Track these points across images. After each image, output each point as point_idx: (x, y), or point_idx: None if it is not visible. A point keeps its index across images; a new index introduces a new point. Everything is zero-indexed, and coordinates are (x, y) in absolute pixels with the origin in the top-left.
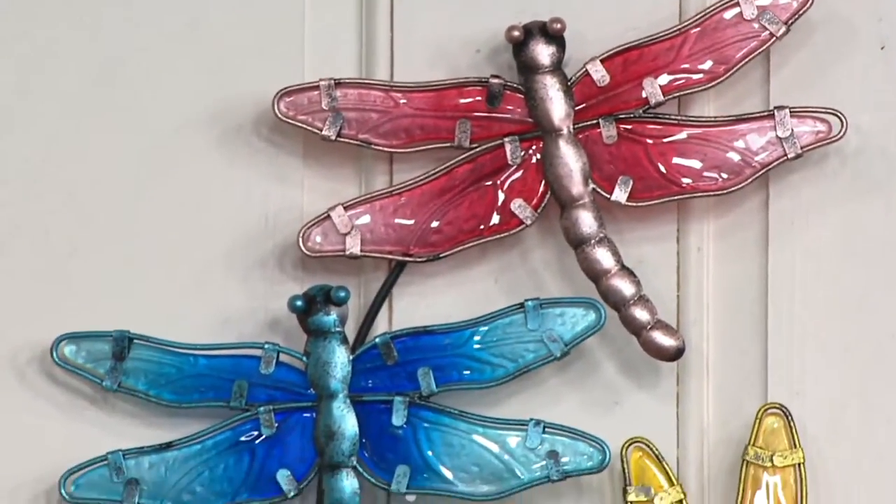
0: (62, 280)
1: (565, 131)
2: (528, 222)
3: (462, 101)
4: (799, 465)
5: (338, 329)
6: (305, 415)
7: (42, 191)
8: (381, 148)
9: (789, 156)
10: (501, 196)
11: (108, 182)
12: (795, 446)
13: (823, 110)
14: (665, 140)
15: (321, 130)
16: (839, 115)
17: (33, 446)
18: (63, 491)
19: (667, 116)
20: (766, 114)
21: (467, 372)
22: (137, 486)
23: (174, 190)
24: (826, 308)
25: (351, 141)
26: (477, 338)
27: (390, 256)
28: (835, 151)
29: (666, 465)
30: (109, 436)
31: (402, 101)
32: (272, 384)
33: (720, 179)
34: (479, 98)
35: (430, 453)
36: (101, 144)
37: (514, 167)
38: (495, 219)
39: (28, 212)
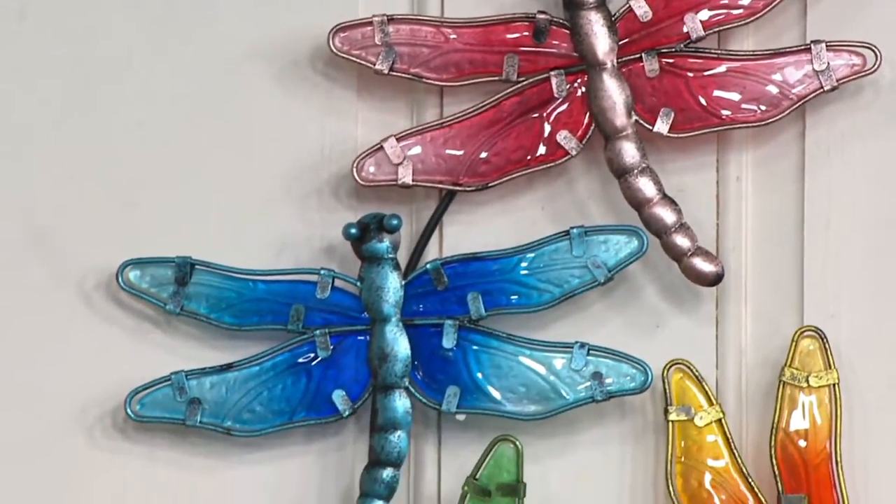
0: (128, 208)
1: (609, 65)
2: (574, 153)
3: (509, 36)
4: (833, 385)
5: (390, 255)
6: (359, 338)
7: (111, 123)
8: (431, 81)
9: (825, 88)
10: (547, 128)
11: (173, 114)
12: (830, 367)
13: (859, 44)
14: (705, 73)
15: (374, 65)
16: (874, 48)
17: (100, 368)
18: (129, 410)
19: (707, 51)
20: (802, 48)
21: (515, 297)
22: (199, 406)
23: (235, 122)
24: (860, 235)
25: (403, 75)
26: (524, 264)
27: (441, 186)
28: (869, 84)
29: (705, 386)
30: (172, 357)
31: (451, 36)
32: (328, 308)
33: (758, 111)
34: (526, 33)
35: (479, 374)
36: (167, 78)
37: (560, 100)
38: (542, 149)
39: (97, 143)
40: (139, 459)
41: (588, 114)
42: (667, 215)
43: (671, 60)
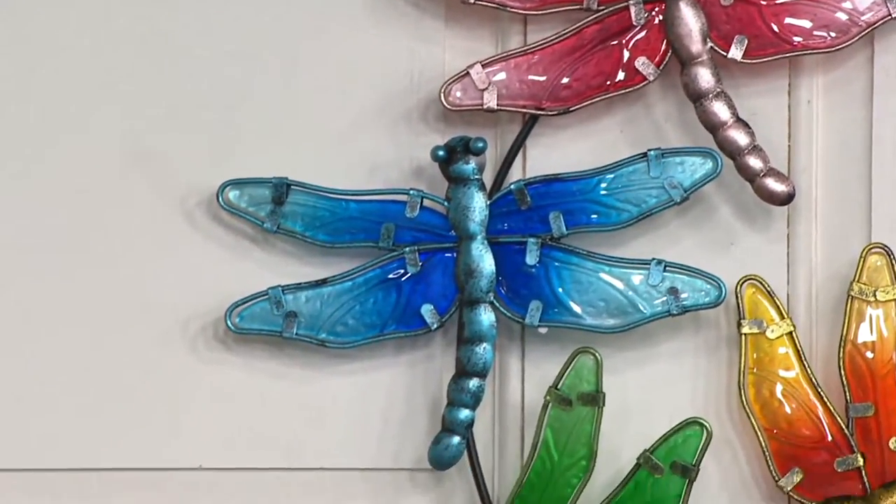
0: (228, 130)
1: None
2: (651, 78)
3: None
4: None
5: (476, 177)
6: (447, 255)
7: (212, 53)
8: (515, 10)
9: (893, 15)
10: (626, 54)
11: (271, 44)
12: None
13: None
14: (777, 1)
15: None
16: None
17: (202, 282)
18: (229, 322)
19: None
20: None
21: (595, 216)
22: (295, 319)
23: (329, 52)
24: None
25: (488, 4)
26: (603, 184)
27: (524, 110)
28: None
29: (777, 301)
30: (270, 273)
31: None
32: (416, 227)
33: (828, 38)
34: None
35: (560, 290)
36: (265, 9)
37: (639, 28)
38: (621, 75)
39: (200, 72)
40: (238, 369)
41: (665, 41)
42: (740, 138)
43: None
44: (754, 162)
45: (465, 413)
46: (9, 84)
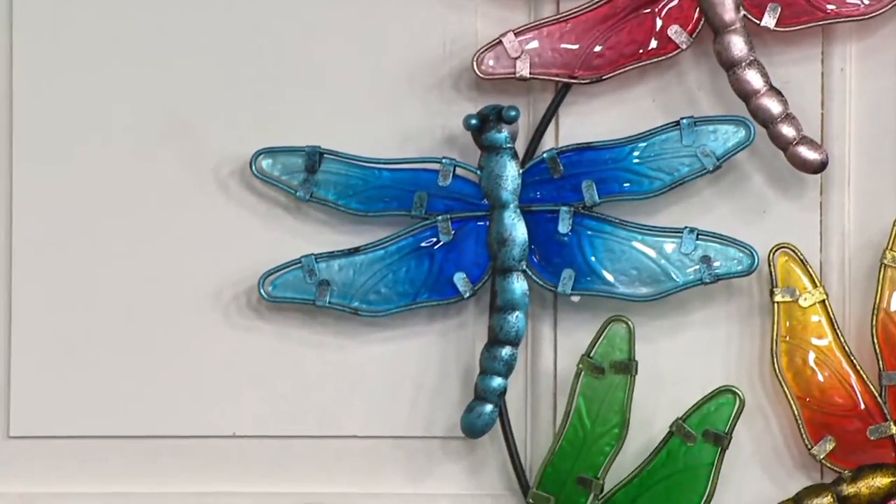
0: (261, 100)
1: None
2: (684, 46)
3: None
4: None
5: (509, 145)
6: (479, 223)
7: (247, 23)
8: None
9: None
10: (659, 22)
11: (305, 13)
12: None
13: None
14: None
15: None
16: None
17: (235, 250)
18: (262, 290)
19: None
20: None
21: (627, 184)
22: (328, 287)
23: (362, 20)
24: None
25: None
26: (636, 153)
27: (556, 78)
28: None
29: (810, 269)
30: (303, 241)
31: None
32: (449, 195)
33: (862, 5)
34: None
35: (592, 258)
36: None
37: None
38: (653, 43)
39: (235, 43)
40: (271, 338)
41: (698, 9)
42: (773, 106)
43: None
44: (787, 130)
45: (497, 381)
46: (49, 55)
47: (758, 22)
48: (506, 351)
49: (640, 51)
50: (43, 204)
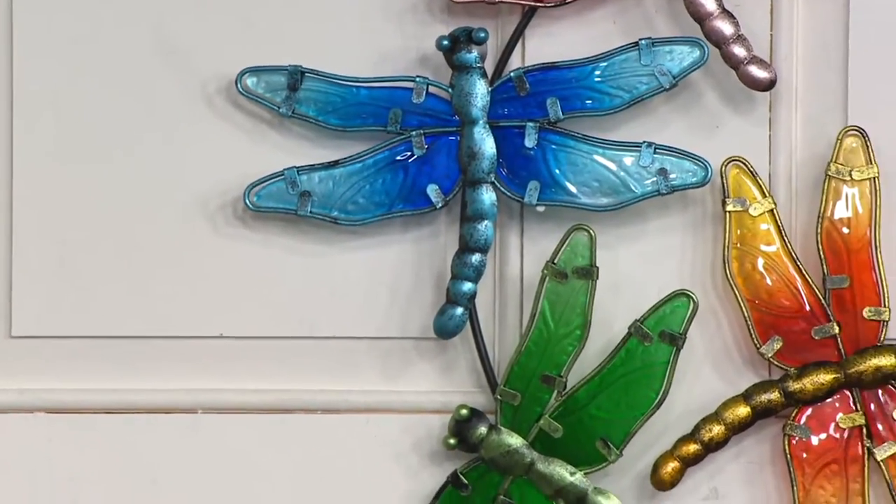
0: (246, 22)
1: None
2: None
3: None
4: (874, 178)
5: (478, 65)
6: (451, 138)
7: None
8: None
9: None
10: None
11: None
12: (871, 163)
13: None
14: None
15: None
16: None
17: (222, 164)
18: (247, 201)
19: None
20: None
21: (589, 101)
22: (309, 198)
23: None
24: None
25: None
26: (597, 72)
27: (523, 2)
28: None
29: (759, 180)
30: (285, 155)
31: None
32: (422, 112)
33: None
34: None
35: (557, 171)
36: None
37: None
38: None
39: None
40: (256, 245)
41: None
42: (725, 27)
43: None
44: (738, 50)
45: (467, 286)
46: None
47: None
48: (475, 258)
49: None
50: (42, 122)
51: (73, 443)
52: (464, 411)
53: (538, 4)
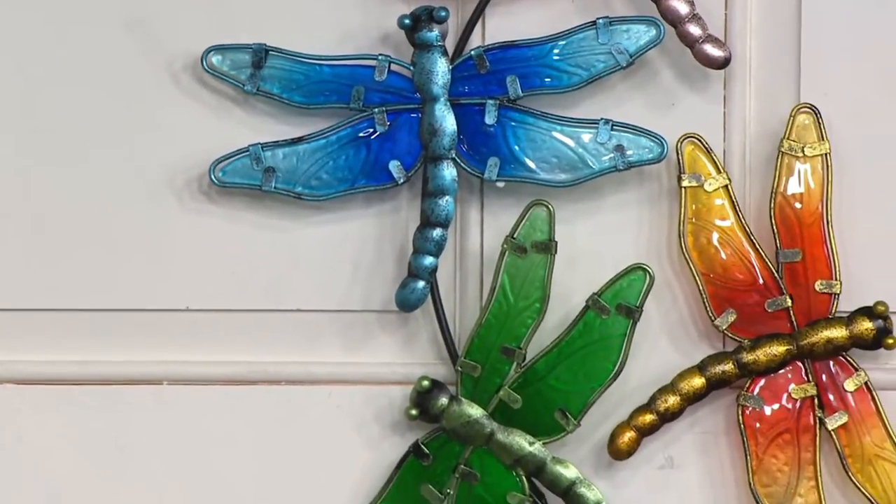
0: (211, 1)
1: None
2: None
3: None
4: (825, 154)
5: (439, 43)
6: (412, 115)
7: None
8: None
9: None
10: None
11: None
12: (823, 139)
13: None
14: None
15: None
16: None
17: (187, 140)
18: (212, 176)
19: None
20: None
21: (548, 79)
22: (273, 173)
23: None
24: (852, 22)
25: None
26: (556, 50)
27: None
28: None
29: (714, 156)
30: (250, 132)
31: None
32: (384, 89)
33: None
34: None
35: (516, 147)
36: None
37: None
38: None
39: None
40: (222, 220)
41: None
42: (681, 7)
43: None
44: (694, 29)
45: (429, 260)
46: None
47: None
48: (437, 232)
49: None
50: (8, 97)
51: (42, 414)
52: (425, 382)
53: None
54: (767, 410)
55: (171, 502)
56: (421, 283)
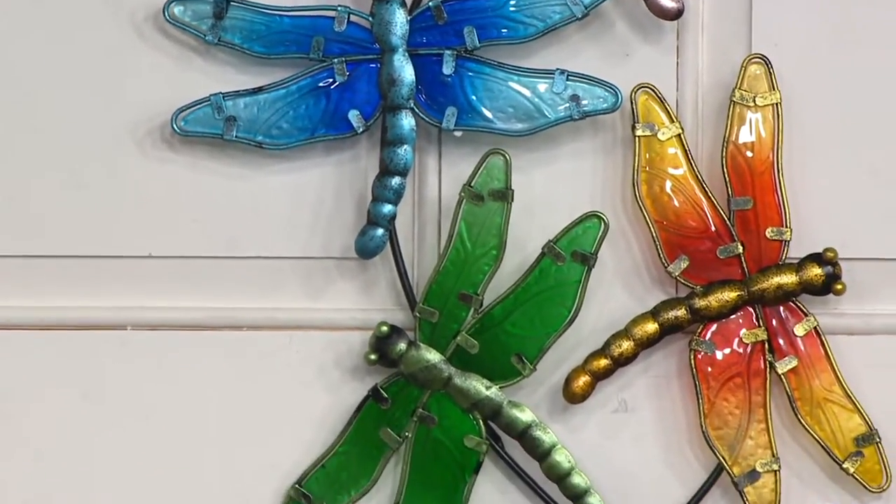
0: None
1: None
2: None
3: None
4: (776, 104)
5: None
6: (371, 65)
7: None
8: None
9: None
10: None
11: None
12: (774, 89)
13: None
14: None
15: None
16: None
17: (150, 90)
18: (174, 125)
19: None
20: None
21: (504, 30)
22: (235, 123)
23: None
24: None
25: None
26: (512, 2)
27: None
28: None
29: (667, 106)
30: (211, 81)
31: None
32: (344, 40)
33: None
34: None
35: (473, 97)
36: None
37: None
38: None
39: None
40: (184, 168)
41: None
42: None
43: None
44: None
45: (387, 208)
46: None
47: None
48: (395, 180)
49: None
50: None
51: (5, 359)
52: (384, 328)
53: None
54: (719, 355)
55: (136, 446)
56: (380, 231)
